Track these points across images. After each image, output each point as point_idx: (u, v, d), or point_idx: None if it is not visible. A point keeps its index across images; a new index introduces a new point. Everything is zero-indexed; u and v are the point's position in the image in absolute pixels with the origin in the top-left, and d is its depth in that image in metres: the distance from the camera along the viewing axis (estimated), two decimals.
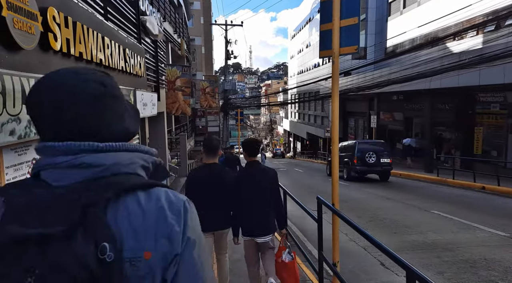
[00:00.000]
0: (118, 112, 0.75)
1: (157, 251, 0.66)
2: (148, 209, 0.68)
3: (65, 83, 0.68)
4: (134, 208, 0.67)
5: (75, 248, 0.57)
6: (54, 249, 0.56)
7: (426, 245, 5.85)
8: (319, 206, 3.53)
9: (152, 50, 6.74)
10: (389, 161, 14.39)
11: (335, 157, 3.27)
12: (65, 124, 0.68)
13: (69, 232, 0.58)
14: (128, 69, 4.12)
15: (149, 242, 0.65)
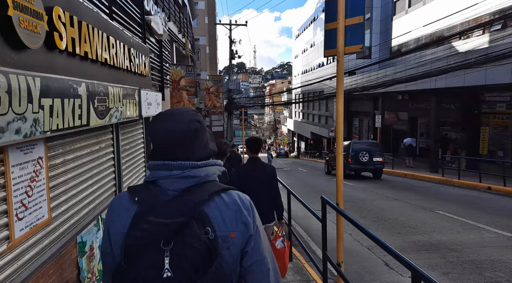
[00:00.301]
0: (205, 139, 1.12)
1: (238, 232, 1.01)
2: (229, 205, 1.03)
3: (176, 126, 1.03)
4: (221, 205, 1.02)
5: (193, 230, 0.93)
6: (179, 231, 0.92)
7: (431, 246, 5.80)
8: (323, 206, 3.52)
9: (157, 50, 6.76)
10: (381, 160, 15.42)
11: (339, 157, 3.25)
12: (176, 150, 1.03)
13: (187, 221, 0.94)
14: (133, 69, 4.13)
15: (232, 227, 1.01)
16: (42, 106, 1.95)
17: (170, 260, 0.92)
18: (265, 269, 1.06)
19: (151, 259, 0.92)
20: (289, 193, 4.93)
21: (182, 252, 0.92)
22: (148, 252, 0.93)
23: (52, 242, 2.59)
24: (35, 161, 2.32)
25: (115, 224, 1.03)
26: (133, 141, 4.87)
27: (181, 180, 1.02)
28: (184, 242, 0.93)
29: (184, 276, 0.92)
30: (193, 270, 0.92)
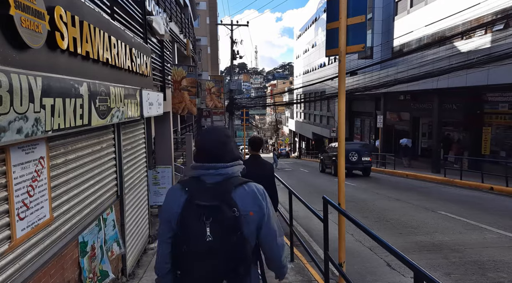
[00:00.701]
0: (232, 147, 1.63)
1: (255, 212, 1.50)
2: (249, 192, 1.53)
3: (216, 138, 1.59)
4: (243, 192, 1.51)
5: (224, 210, 1.41)
6: (216, 210, 1.40)
7: (433, 246, 5.78)
8: (325, 206, 3.51)
9: (158, 50, 6.76)
10: (369, 159, 17.09)
11: (341, 158, 3.24)
12: (213, 155, 1.54)
13: (220, 204, 1.41)
14: (135, 69, 4.13)
15: (251, 208, 1.49)
16: (44, 106, 1.95)
17: (210, 229, 1.44)
18: (274, 236, 1.60)
19: (197, 229, 1.45)
20: (291, 193, 4.91)
21: (217, 224, 1.44)
22: (195, 225, 1.46)
23: (54, 242, 2.59)
24: (36, 161, 2.32)
25: (172, 205, 1.54)
26: (135, 142, 4.87)
27: (216, 176, 1.54)
28: (218, 218, 1.45)
29: (219, 240, 1.45)
30: (224, 236, 1.45)
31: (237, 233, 1.46)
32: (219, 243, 1.45)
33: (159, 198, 8.38)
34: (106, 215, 3.73)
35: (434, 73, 12.44)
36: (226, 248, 1.46)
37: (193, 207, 1.47)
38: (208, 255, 1.46)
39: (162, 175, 8.39)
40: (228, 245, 1.45)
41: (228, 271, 1.48)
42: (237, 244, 1.47)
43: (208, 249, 1.45)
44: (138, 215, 5.04)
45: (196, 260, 1.48)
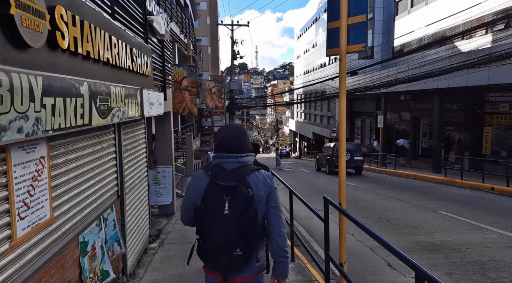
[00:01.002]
0: (247, 141, 2.02)
1: (265, 192, 1.88)
2: (260, 177, 1.89)
3: (235, 134, 2.00)
4: (255, 177, 1.88)
5: (241, 190, 1.79)
6: (233, 190, 1.79)
7: (433, 246, 5.78)
8: (325, 206, 3.50)
9: (159, 50, 6.76)
10: (361, 159, 18.01)
11: (341, 157, 3.24)
12: (232, 146, 1.93)
13: (238, 184, 1.80)
14: (135, 69, 4.13)
15: (262, 189, 1.87)
16: (44, 105, 1.95)
17: (228, 205, 1.80)
18: (277, 207, 1.95)
19: (217, 204, 1.81)
20: (291, 193, 4.91)
21: (234, 201, 1.80)
22: (216, 200, 1.82)
23: (54, 241, 2.59)
24: (37, 161, 2.32)
25: (197, 185, 1.91)
26: (135, 141, 4.87)
27: (234, 164, 1.93)
28: (235, 196, 1.81)
29: (235, 213, 1.79)
30: (240, 210, 1.80)
31: (250, 208, 1.82)
32: (235, 216, 1.80)
33: (159, 198, 8.38)
34: (107, 215, 3.73)
35: (435, 73, 12.43)
36: (240, 220, 1.80)
37: (215, 186, 1.85)
38: (225, 226, 1.80)
39: (162, 175, 8.39)
40: (242, 218, 1.80)
41: (241, 240, 1.81)
42: (249, 219, 1.81)
43: (225, 221, 1.79)
44: (139, 215, 5.04)
45: (215, 230, 1.83)
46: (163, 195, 8.38)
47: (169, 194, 8.38)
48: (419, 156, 21.85)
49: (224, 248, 1.82)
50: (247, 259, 1.84)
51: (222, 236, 1.81)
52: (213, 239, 1.85)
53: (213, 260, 1.91)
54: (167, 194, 8.38)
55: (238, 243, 1.80)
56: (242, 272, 1.88)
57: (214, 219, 1.81)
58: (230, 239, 1.81)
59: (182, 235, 6.66)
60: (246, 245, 1.81)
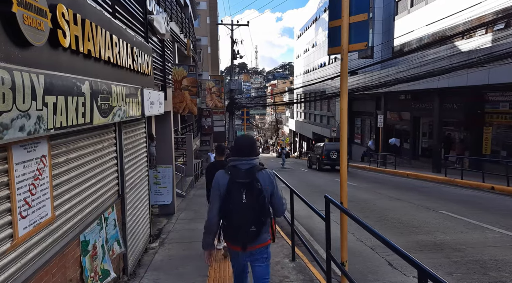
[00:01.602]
0: (256, 148, 2.72)
1: (269, 186, 2.61)
2: (265, 175, 2.62)
3: (248, 143, 2.68)
4: (262, 175, 2.59)
5: (254, 184, 2.50)
6: (249, 185, 2.50)
7: (434, 245, 5.77)
8: (327, 205, 3.50)
9: (159, 49, 6.75)
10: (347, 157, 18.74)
11: (343, 156, 3.23)
12: (246, 153, 2.61)
13: (251, 181, 2.51)
14: (136, 68, 4.12)
15: (267, 183, 2.59)
16: (46, 104, 1.94)
17: (245, 196, 2.45)
18: (279, 197, 2.68)
19: (238, 195, 2.47)
20: (292, 192, 4.90)
21: (249, 192, 2.47)
22: (236, 193, 2.47)
23: (56, 240, 2.58)
24: (38, 159, 2.32)
25: (221, 182, 2.56)
26: (136, 141, 4.86)
27: (247, 165, 2.56)
28: (250, 189, 2.47)
29: (250, 201, 2.45)
30: (254, 199, 2.46)
31: (260, 197, 2.53)
32: (250, 203, 2.51)
33: (160, 198, 8.37)
34: (108, 214, 3.73)
35: (435, 73, 12.43)
36: (254, 206, 2.51)
37: (235, 183, 2.53)
38: (244, 210, 2.50)
39: (163, 174, 8.39)
40: (255, 205, 2.51)
41: (255, 220, 2.54)
42: (260, 204, 2.53)
43: (243, 207, 2.50)
44: (139, 215, 5.03)
45: (236, 214, 2.52)
46: (164, 194, 8.38)
47: (169, 193, 8.38)
48: (419, 156, 21.84)
49: (243, 226, 2.54)
50: (259, 233, 2.58)
51: (242, 218, 2.53)
52: (235, 221, 2.55)
53: (235, 236, 2.62)
54: (167, 193, 8.38)
55: (253, 222, 2.53)
56: (255, 242, 2.62)
57: (236, 207, 2.52)
58: (247, 220, 2.53)
59: (183, 234, 6.66)
60: (258, 223, 2.55)
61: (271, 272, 3.93)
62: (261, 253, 2.71)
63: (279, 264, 4.86)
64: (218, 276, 4.54)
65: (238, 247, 2.64)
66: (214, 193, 2.61)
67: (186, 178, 14.28)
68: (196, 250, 5.58)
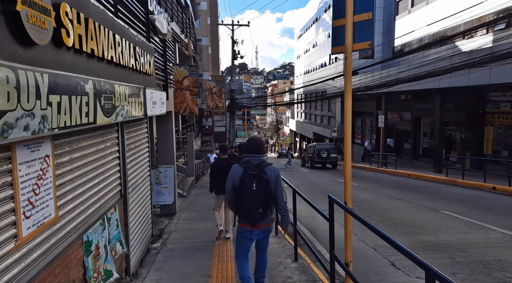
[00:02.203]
0: (264, 147, 3.54)
1: (274, 177, 3.37)
2: (271, 168, 3.39)
3: (258, 143, 3.51)
4: (269, 168, 3.36)
5: (262, 176, 3.26)
6: (258, 176, 3.25)
7: (437, 246, 5.76)
8: (330, 205, 3.48)
9: (161, 49, 6.74)
10: (335, 156, 22.58)
11: (347, 155, 3.22)
12: (256, 150, 3.41)
13: (260, 173, 3.27)
14: (138, 67, 4.11)
15: (273, 175, 3.34)
16: (50, 103, 1.93)
17: (255, 184, 3.21)
18: (281, 187, 3.40)
19: (249, 184, 3.23)
20: (295, 192, 4.89)
21: (258, 182, 3.22)
22: (248, 182, 3.23)
23: (59, 241, 2.57)
24: (42, 159, 2.30)
25: (236, 174, 3.34)
26: (138, 141, 4.85)
27: (257, 160, 3.32)
28: (259, 179, 3.23)
29: (259, 188, 3.21)
30: (261, 187, 3.22)
31: (267, 186, 3.25)
32: (259, 190, 3.23)
33: (161, 198, 8.36)
34: (110, 214, 3.72)
35: (436, 72, 12.41)
36: (262, 193, 3.23)
37: (247, 174, 3.27)
38: (254, 196, 3.23)
39: (164, 174, 8.38)
40: (262, 191, 3.23)
41: (262, 203, 3.26)
42: (267, 192, 3.25)
43: (253, 193, 3.23)
44: (142, 215, 5.02)
45: (248, 198, 3.26)
46: (165, 194, 8.36)
47: (171, 193, 8.37)
48: (420, 156, 21.82)
49: (253, 208, 3.29)
50: (265, 214, 3.33)
51: (252, 201, 3.27)
52: (247, 204, 3.30)
53: (246, 216, 3.35)
54: (168, 193, 8.37)
55: (260, 205, 3.28)
56: (262, 222, 3.36)
57: (248, 193, 3.28)
58: (256, 203, 3.27)
59: (184, 235, 6.64)
60: (264, 206, 3.30)
61: (273, 272, 4.01)
62: (268, 230, 3.54)
63: (281, 265, 4.85)
64: (221, 276, 4.53)
65: (248, 225, 3.37)
66: (229, 181, 3.46)
67: (187, 178, 14.27)
68: (199, 251, 5.57)
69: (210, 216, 8.21)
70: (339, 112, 33.15)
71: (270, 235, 3.65)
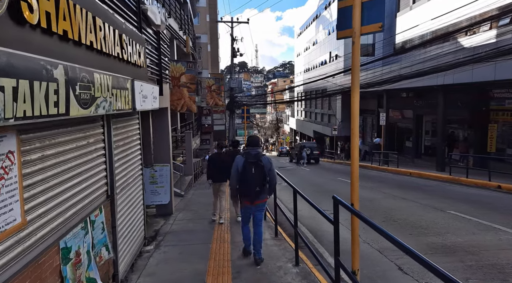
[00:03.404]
0: (260, 142, 5.10)
1: (268, 164, 4.69)
2: (265, 158, 4.73)
3: (256, 139, 4.95)
4: (264, 158, 4.71)
5: (259, 163, 4.61)
6: (256, 163, 4.59)
7: (446, 248, 5.45)
8: (335, 207, 3.16)
9: (154, 42, 6.41)
10: (318, 153, 26.88)
11: (354, 151, 2.90)
12: (255, 144, 4.77)
13: (257, 161, 4.60)
14: (126, 57, 3.79)
15: (266, 163, 4.66)
16: (2, 88, 1.61)
17: (253, 169, 4.49)
18: (274, 173, 4.71)
19: (249, 169, 4.50)
20: (295, 192, 4.58)
21: (256, 167, 4.50)
22: (248, 168, 4.50)
23: (27, 249, 2.26)
24: (3, 156, 1.99)
25: (239, 162, 4.61)
26: (128, 137, 4.53)
27: (255, 151, 4.56)
28: (256, 165, 4.50)
29: (256, 172, 4.49)
30: (258, 171, 4.50)
31: (263, 170, 4.42)
32: (256, 174, 4.41)
33: (156, 198, 8.04)
34: (94, 217, 3.40)
35: (441, 68, 12.06)
36: (258, 176, 4.40)
37: (248, 162, 4.45)
38: (252, 178, 4.40)
39: (160, 173, 8.06)
40: (259, 175, 4.41)
41: (259, 183, 4.42)
42: (262, 175, 4.44)
43: (252, 176, 4.40)
44: (132, 216, 4.70)
45: (248, 180, 4.42)
46: (161, 194, 8.04)
47: (166, 193, 8.05)
48: (422, 154, 21.50)
49: (252, 188, 4.43)
50: (261, 192, 4.49)
51: (251, 182, 4.41)
52: (247, 184, 4.44)
53: (247, 194, 4.51)
54: (164, 193, 8.05)
55: (257, 185, 4.43)
56: (258, 199, 4.52)
57: (248, 176, 4.42)
58: (254, 184, 4.42)
59: (180, 236, 6.34)
60: (260, 186, 4.45)
61: (273, 278, 3.76)
62: (262, 206, 4.73)
63: (281, 269, 4.53)
64: (216, 282, 4.22)
65: (248, 201, 4.60)
66: (234, 168, 4.62)
67: (185, 177, 13.95)
68: (194, 254, 5.26)
69: (207, 216, 7.90)
70: (340, 110, 32.82)
71: (264, 210, 4.88)
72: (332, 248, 3.29)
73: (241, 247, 5.22)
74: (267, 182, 4.55)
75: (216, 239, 5.98)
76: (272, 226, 6.61)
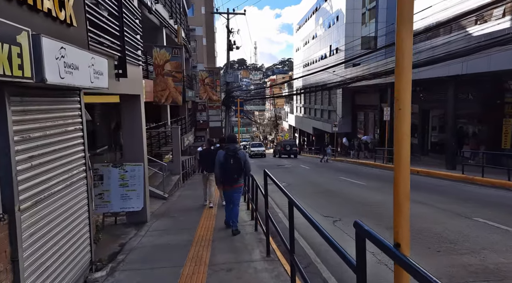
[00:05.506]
0: (237, 139, 6.88)
1: (243, 157, 6.04)
2: (242, 152, 6.10)
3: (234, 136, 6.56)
4: (241, 152, 6.09)
5: (237, 157, 5.92)
6: (234, 156, 5.90)
7: (489, 272, 4.16)
8: (360, 242, 1.80)
9: (114, 8, 5.08)
10: (296, 149, 31.48)
11: (404, 144, 1.59)
12: (233, 141, 6.27)
13: (235, 154, 5.93)
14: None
15: (242, 156, 6.03)
16: None
17: (232, 161, 5.85)
18: (249, 164, 6.10)
19: (229, 161, 5.86)
20: (292, 203, 3.27)
21: (234, 159, 5.87)
22: (228, 159, 5.86)
23: None
24: None
25: (221, 155, 5.96)
26: (55, 126, 3.21)
27: (233, 147, 6.00)
28: (234, 158, 5.87)
29: (235, 163, 5.87)
30: (236, 163, 5.88)
31: (240, 162, 5.83)
32: (234, 165, 5.81)
33: (127, 203, 6.71)
34: None
35: (460, 53, 10.71)
36: (236, 167, 5.82)
37: (227, 155, 5.83)
38: (231, 168, 5.82)
39: (131, 174, 6.74)
40: (236, 166, 5.82)
41: (237, 172, 5.88)
42: (239, 166, 5.84)
43: (231, 167, 5.80)
44: (63, 237, 3.38)
45: (228, 170, 5.82)
46: (132, 199, 6.73)
47: (139, 197, 6.75)
48: (429, 151, 20.25)
49: (231, 175, 5.84)
50: (238, 179, 5.96)
51: (230, 171, 5.80)
52: (227, 173, 5.82)
53: (227, 180, 5.90)
54: (137, 197, 6.74)
55: (236, 173, 5.84)
56: (236, 183, 5.98)
57: (228, 166, 5.78)
58: (233, 172, 5.82)
59: (148, 254, 5.05)
60: (238, 174, 5.88)
61: None
62: (239, 189, 6.12)
63: None
64: None
65: (228, 186, 5.96)
66: (217, 161, 5.89)
67: (172, 176, 12.62)
68: (159, 282, 3.97)
69: (188, 225, 6.65)
70: (340, 106, 31.54)
71: (240, 193, 6.35)
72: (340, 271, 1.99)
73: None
74: (243, 171, 5.90)
75: (192, 258, 4.68)
76: (263, 240, 5.33)
